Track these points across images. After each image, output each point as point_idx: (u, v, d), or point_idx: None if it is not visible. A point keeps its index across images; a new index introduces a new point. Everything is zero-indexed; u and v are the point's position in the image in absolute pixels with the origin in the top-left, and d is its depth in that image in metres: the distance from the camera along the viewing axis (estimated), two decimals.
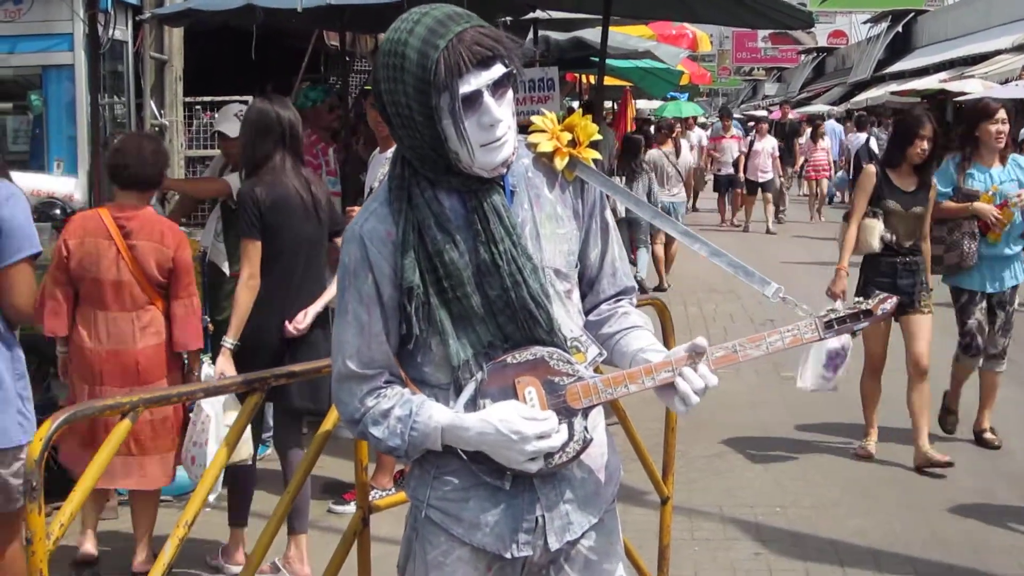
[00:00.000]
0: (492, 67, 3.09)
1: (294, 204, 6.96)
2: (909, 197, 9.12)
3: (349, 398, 3.29)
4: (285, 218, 6.93)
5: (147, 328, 6.82)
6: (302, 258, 7.07)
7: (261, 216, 6.83)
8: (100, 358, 6.70)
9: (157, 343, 6.85)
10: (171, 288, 6.86)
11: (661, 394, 3.29)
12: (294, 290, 7.04)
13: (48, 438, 3.58)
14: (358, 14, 11.24)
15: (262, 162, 6.99)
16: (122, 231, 6.71)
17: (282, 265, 6.97)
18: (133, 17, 12.97)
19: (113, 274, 6.69)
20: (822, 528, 7.82)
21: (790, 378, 11.29)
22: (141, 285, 6.77)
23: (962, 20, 40.74)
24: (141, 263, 6.74)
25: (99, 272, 6.66)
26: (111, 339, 6.74)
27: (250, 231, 6.86)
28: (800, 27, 15.41)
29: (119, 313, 6.75)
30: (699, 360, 3.24)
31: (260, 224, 6.84)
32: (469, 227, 3.19)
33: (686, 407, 3.24)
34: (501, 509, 3.26)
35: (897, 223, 9.10)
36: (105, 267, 6.68)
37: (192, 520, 4.11)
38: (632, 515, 7.63)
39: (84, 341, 6.75)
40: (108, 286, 6.70)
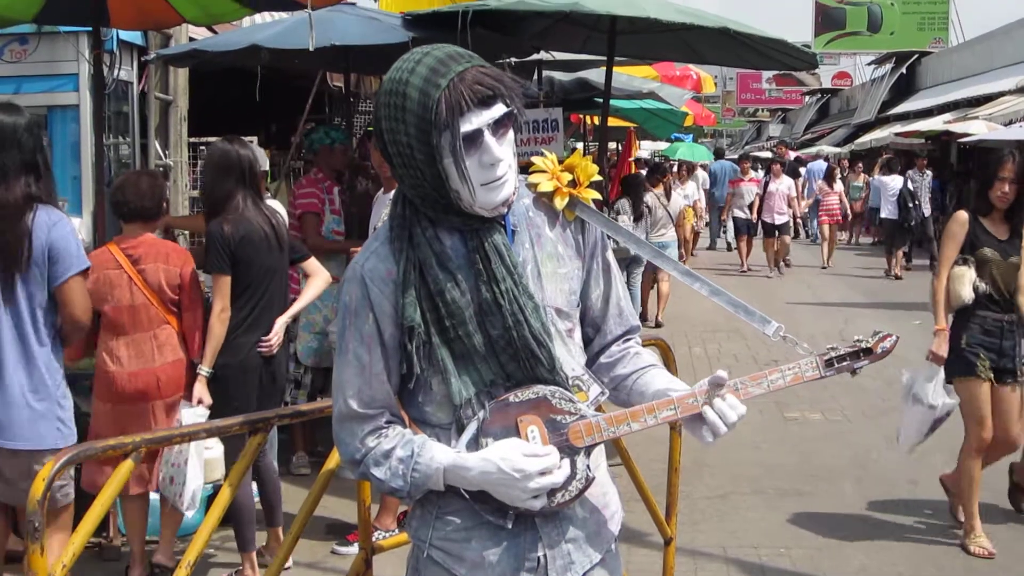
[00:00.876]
0: (493, 106, 3.10)
1: (259, 238, 7.40)
2: (1005, 245, 8.24)
3: (350, 438, 3.28)
4: (252, 252, 7.36)
5: (164, 345, 7.22)
6: (268, 287, 7.52)
7: (232, 252, 7.25)
8: (123, 379, 7.06)
9: (175, 359, 7.26)
10: (181, 302, 7.30)
11: (690, 426, 3.31)
12: (265, 316, 7.51)
13: (50, 478, 3.58)
14: (362, 55, 11.27)
15: (224, 200, 7.40)
16: (130, 259, 7.13)
17: (252, 294, 7.42)
18: (138, 57, 13.02)
19: (128, 299, 7.11)
20: (826, 569, 7.80)
21: (794, 419, 11.32)
22: (155, 305, 7.19)
23: (966, 62, 40.80)
24: (152, 285, 7.17)
25: (115, 300, 7.08)
26: (132, 360, 7.12)
27: (220, 266, 7.27)
28: (804, 68, 15.41)
29: (138, 335, 7.15)
30: (719, 392, 3.25)
31: (230, 259, 7.27)
32: (470, 266, 3.19)
33: (714, 438, 3.25)
34: (503, 548, 3.25)
35: (996, 273, 8.21)
36: (119, 295, 7.08)
37: (195, 561, 4.11)
38: (635, 556, 7.62)
39: (107, 365, 7.11)
40: (124, 311, 7.11)
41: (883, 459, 10.43)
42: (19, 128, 5.99)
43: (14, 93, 11.83)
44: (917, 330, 17.19)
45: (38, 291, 5.93)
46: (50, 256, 5.90)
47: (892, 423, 9.96)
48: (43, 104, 11.97)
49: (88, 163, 11.59)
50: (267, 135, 17.79)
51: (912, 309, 19.66)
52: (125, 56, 12.50)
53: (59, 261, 5.93)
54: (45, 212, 5.93)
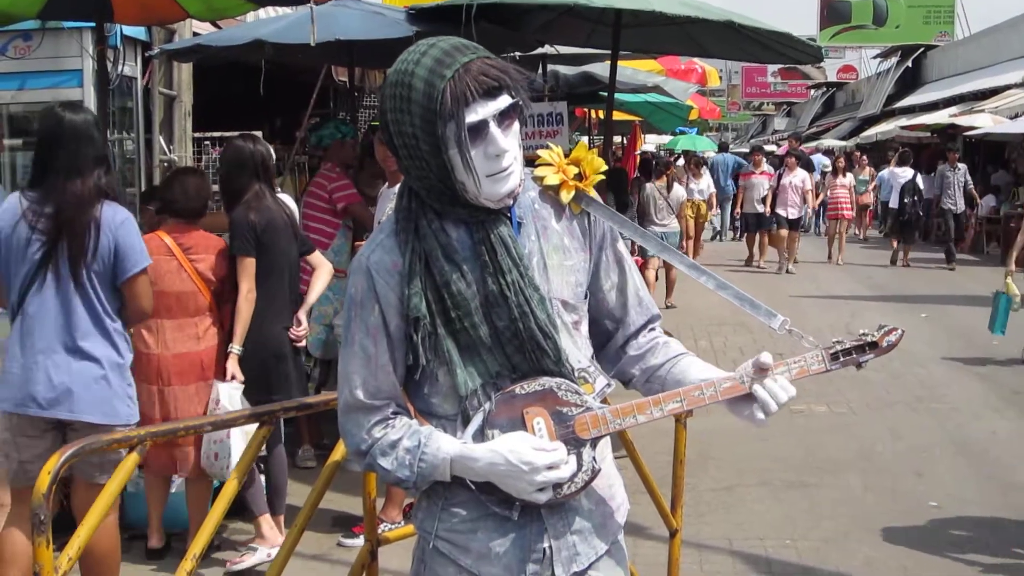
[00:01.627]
0: (498, 98, 3.10)
1: (280, 226, 7.77)
2: None
3: (356, 429, 3.29)
4: (275, 239, 7.72)
5: (208, 331, 7.59)
6: (288, 274, 7.91)
7: (257, 237, 7.56)
8: (167, 361, 7.36)
9: (217, 343, 7.62)
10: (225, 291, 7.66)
11: (735, 409, 3.34)
12: (287, 303, 7.90)
13: (56, 472, 3.59)
14: (367, 49, 11.29)
15: (240, 193, 7.76)
16: (182, 247, 7.45)
17: (276, 281, 7.77)
18: (142, 53, 13.03)
19: (177, 285, 7.45)
20: (832, 561, 7.79)
21: (799, 411, 11.32)
22: (203, 293, 7.55)
23: (971, 55, 40.78)
24: (201, 273, 7.53)
25: (163, 286, 7.28)
26: (177, 343, 7.47)
27: (247, 249, 7.60)
28: (810, 62, 15.40)
29: (183, 319, 7.49)
30: (764, 376, 3.28)
31: (255, 244, 7.60)
32: (476, 258, 3.19)
33: (765, 416, 3.29)
34: (509, 540, 3.25)
35: None
36: (169, 281, 7.39)
37: (200, 553, 4.11)
38: (641, 548, 7.62)
39: (150, 348, 7.45)
40: (172, 297, 7.42)
41: (888, 451, 10.42)
42: (90, 125, 6.25)
43: (18, 89, 11.86)
44: (923, 323, 17.24)
45: (104, 280, 6.20)
46: (116, 253, 6.17)
47: (897, 416, 9.99)
48: (47, 100, 11.95)
49: None
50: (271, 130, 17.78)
51: (919, 302, 19.71)
52: (129, 52, 12.51)
53: (126, 258, 6.21)
54: (111, 208, 6.18)
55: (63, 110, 6.27)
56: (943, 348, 15.47)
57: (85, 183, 6.12)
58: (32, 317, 6.15)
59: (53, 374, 6.11)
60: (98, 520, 3.82)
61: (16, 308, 6.20)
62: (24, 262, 6.13)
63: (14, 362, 6.15)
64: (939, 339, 16.13)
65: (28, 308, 6.15)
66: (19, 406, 6.13)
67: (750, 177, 26.78)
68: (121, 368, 6.35)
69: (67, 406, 6.14)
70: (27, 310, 6.15)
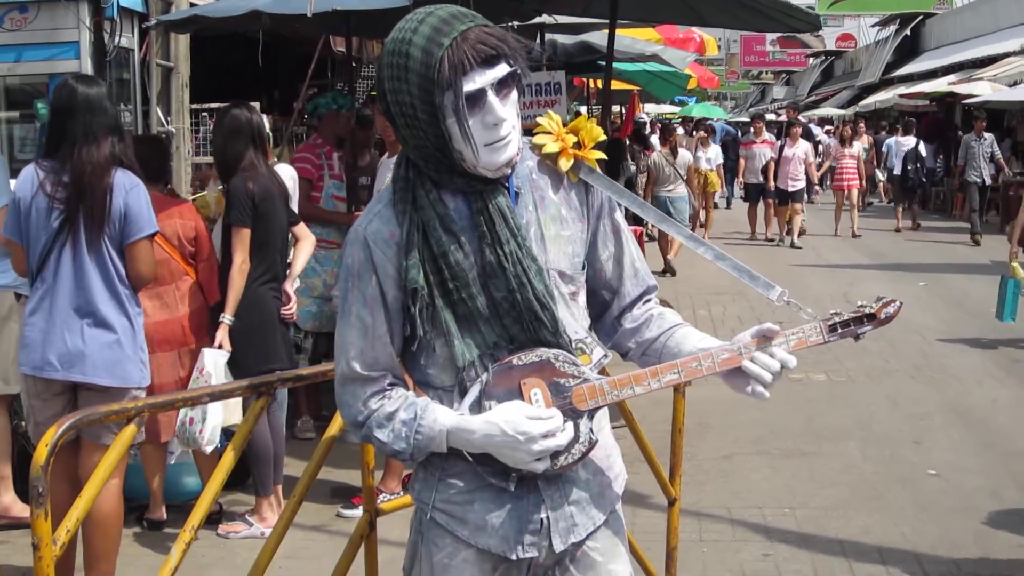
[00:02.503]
0: (496, 66, 3.08)
1: (275, 195, 7.83)
2: None
3: (352, 400, 3.28)
4: (271, 208, 7.78)
5: (186, 296, 7.75)
6: (281, 244, 8.00)
7: (254, 207, 7.60)
8: (148, 330, 7.17)
9: (196, 307, 7.79)
10: (197, 253, 7.79)
11: (733, 382, 3.34)
12: (278, 272, 7.98)
13: (54, 444, 3.59)
14: (364, 19, 11.26)
15: (236, 161, 7.78)
16: None
17: (269, 250, 7.84)
18: (139, 24, 12.99)
19: None
20: (831, 529, 7.81)
21: (798, 380, 11.33)
22: (176, 259, 7.66)
23: (970, 23, 40.70)
24: (170, 239, 7.60)
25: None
26: (157, 311, 7.57)
27: (244, 219, 7.65)
28: (808, 31, 15.38)
29: (160, 288, 7.54)
30: (768, 345, 3.28)
31: (252, 214, 7.64)
32: (474, 228, 3.19)
33: (765, 389, 3.29)
34: (506, 511, 3.25)
35: None
36: None
37: (199, 524, 4.12)
38: (640, 517, 7.64)
39: None
40: None
41: (887, 420, 10.44)
42: (103, 96, 6.49)
43: (15, 61, 11.84)
44: (922, 292, 17.26)
45: (116, 245, 6.43)
46: (125, 216, 6.39)
47: (895, 384, 10.00)
48: (44, 72, 11.98)
49: None
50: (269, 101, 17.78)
51: (918, 271, 19.70)
52: (126, 23, 12.48)
53: (133, 222, 6.42)
54: (123, 175, 6.41)
55: (76, 82, 6.47)
56: (942, 317, 15.47)
57: (100, 151, 6.33)
58: (50, 283, 6.37)
59: (68, 338, 6.35)
60: (96, 491, 3.83)
61: (35, 275, 6.42)
62: (44, 230, 6.35)
63: (35, 327, 6.38)
64: (938, 308, 16.13)
65: (46, 274, 6.37)
66: (37, 369, 6.37)
67: (751, 146, 25.98)
68: (133, 332, 6.56)
69: (80, 368, 6.37)
70: (45, 276, 6.37)
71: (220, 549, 7.56)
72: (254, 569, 4.28)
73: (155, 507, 7.87)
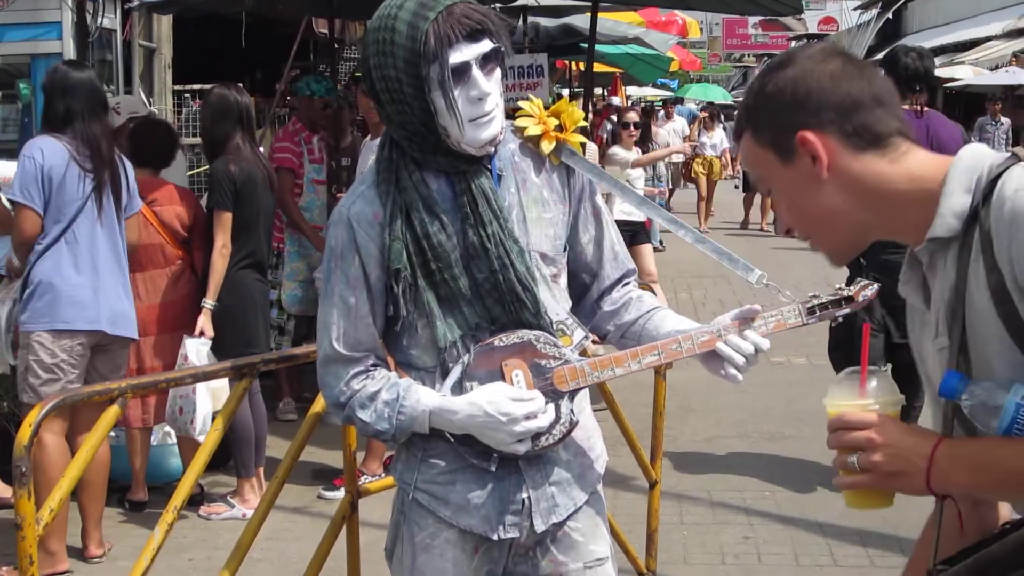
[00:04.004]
0: (480, 41, 3.12)
1: (258, 179, 7.83)
2: None
3: (335, 381, 3.30)
4: (253, 191, 7.77)
5: (179, 280, 7.82)
6: (263, 225, 7.99)
7: (236, 190, 7.61)
8: (141, 313, 7.45)
9: (189, 291, 7.82)
10: (194, 240, 7.87)
11: (711, 365, 3.35)
12: (260, 255, 7.99)
13: (37, 424, 3.61)
14: (348, 1, 11.24)
15: (224, 142, 7.80)
16: (145, 201, 7.51)
17: (251, 233, 7.84)
18: (122, 5, 12.96)
19: (145, 239, 7.57)
20: (810, 511, 7.83)
21: (779, 363, 11.35)
22: (170, 244, 7.75)
23: (952, 7, 40.71)
24: (168, 224, 7.74)
25: (129, 239, 7.30)
26: (150, 295, 7.71)
27: (224, 203, 7.64)
28: (790, 13, 15.39)
29: (155, 271, 7.73)
30: (746, 327, 3.31)
31: (233, 197, 7.64)
32: (457, 210, 3.21)
33: (738, 372, 3.30)
34: (488, 491, 3.28)
35: None
36: (136, 235, 7.42)
37: (181, 505, 4.13)
38: (621, 500, 7.66)
39: None
40: (140, 250, 7.55)
41: None
42: (94, 78, 7.01)
43: None
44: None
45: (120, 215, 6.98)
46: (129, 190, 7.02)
47: None
48: (26, 53, 11.96)
49: None
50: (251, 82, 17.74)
51: None
52: (108, 4, 12.45)
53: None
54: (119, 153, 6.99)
55: (68, 67, 6.97)
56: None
57: (104, 126, 6.86)
58: (86, 246, 6.80)
59: (113, 297, 6.92)
60: (79, 472, 3.85)
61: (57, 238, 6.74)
62: (76, 198, 6.73)
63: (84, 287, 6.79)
64: None
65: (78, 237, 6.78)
66: (92, 322, 6.80)
67: None
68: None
69: (123, 326, 7.00)
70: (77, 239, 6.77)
71: (201, 531, 7.58)
72: (237, 549, 4.29)
73: (137, 488, 7.88)
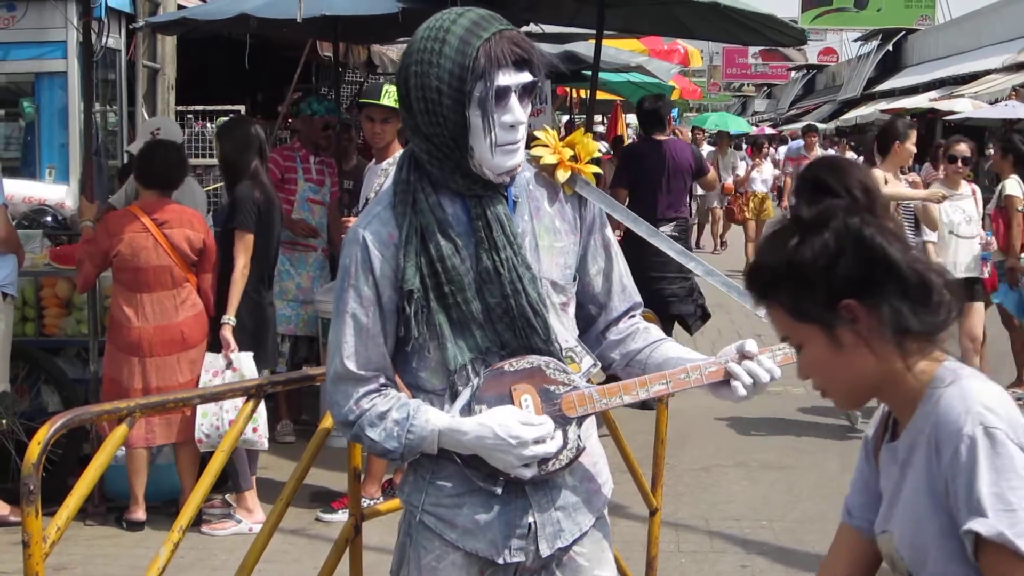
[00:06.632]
0: (523, 72, 3.19)
1: (276, 204, 8.31)
2: None
3: (344, 399, 3.31)
4: (272, 217, 8.18)
5: (186, 302, 7.86)
6: (275, 248, 8.49)
7: (259, 214, 7.86)
8: (148, 334, 7.64)
9: (195, 313, 7.90)
10: (201, 264, 7.95)
11: (719, 393, 3.39)
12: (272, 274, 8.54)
13: (46, 442, 3.61)
14: (352, 25, 11.25)
15: (246, 169, 8.09)
16: (156, 222, 7.63)
17: (267, 256, 8.23)
18: (127, 25, 12.97)
19: (154, 260, 7.70)
20: (808, 542, 7.83)
21: (777, 393, 11.36)
22: (178, 266, 7.79)
23: (952, 40, 40.83)
24: (177, 247, 7.77)
25: (139, 261, 7.67)
26: (156, 316, 7.74)
27: (249, 224, 7.92)
28: (792, 44, 15.39)
29: (161, 293, 7.76)
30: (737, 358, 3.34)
31: (256, 220, 7.82)
32: (472, 234, 3.24)
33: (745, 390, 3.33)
34: (495, 514, 3.29)
35: None
36: (145, 256, 7.67)
37: (187, 525, 4.14)
38: (619, 526, 7.65)
39: (131, 321, 7.73)
40: (150, 272, 7.70)
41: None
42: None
43: (2, 59, 11.82)
44: None
45: None
46: None
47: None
48: (31, 71, 11.96)
49: (76, 131, 11.56)
50: (253, 104, 17.76)
51: None
52: (113, 24, 12.43)
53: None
54: None
55: None
56: None
57: None
58: None
59: None
60: (87, 490, 3.86)
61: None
62: None
63: None
64: None
65: None
66: None
67: (803, 162, 22.14)
68: None
69: None
70: None
71: (199, 551, 7.57)
72: (241, 570, 4.29)
73: (135, 508, 7.88)
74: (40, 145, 11.93)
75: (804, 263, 2.53)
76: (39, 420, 6.94)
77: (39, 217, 9.94)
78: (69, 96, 11.76)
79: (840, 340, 2.55)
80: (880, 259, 2.48)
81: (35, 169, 11.78)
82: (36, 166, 11.83)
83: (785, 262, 2.57)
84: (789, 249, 2.55)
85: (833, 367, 2.63)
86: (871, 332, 2.53)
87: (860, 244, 2.49)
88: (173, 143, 8.79)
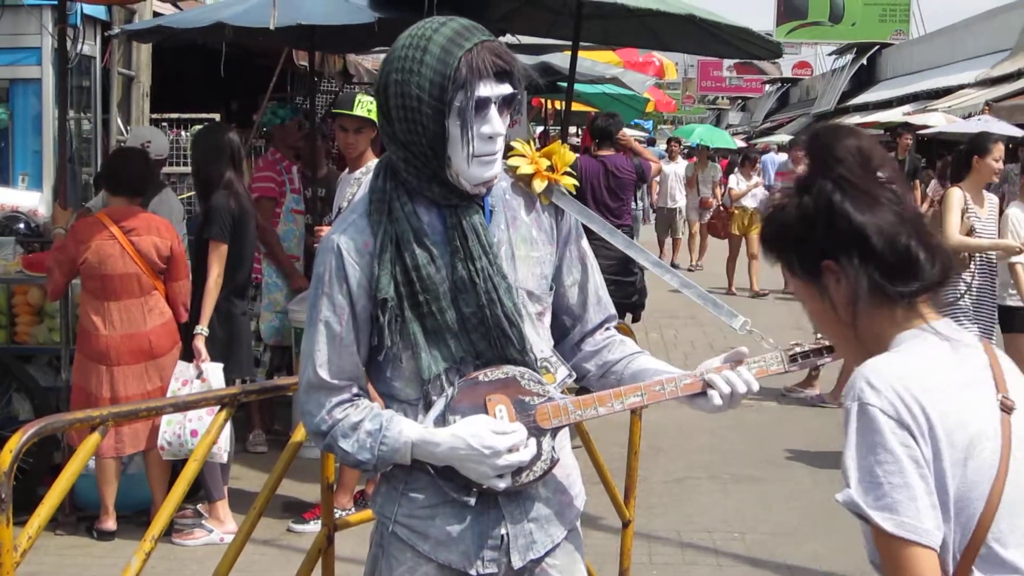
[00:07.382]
0: (504, 83, 3.18)
1: (250, 213, 8.22)
2: None
3: (316, 409, 3.30)
4: (247, 226, 8.12)
5: (154, 310, 7.78)
6: (250, 257, 8.44)
7: (233, 224, 7.82)
8: (115, 342, 7.58)
9: (163, 322, 7.82)
10: (170, 272, 7.84)
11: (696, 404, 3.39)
12: (247, 284, 8.52)
13: (18, 450, 3.60)
14: (328, 34, 11.26)
15: (218, 180, 8.03)
16: (123, 230, 7.56)
17: (241, 265, 8.20)
18: (102, 32, 12.95)
19: (120, 268, 7.61)
20: (780, 554, 7.84)
21: (750, 406, 11.38)
22: (146, 274, 7.69)
23: (926, 54, 40.97)
24: (145, 255, 7.68)
25: (106, 269, 7.58)
26: (124, 324, 7.66)
27: (223, 235, 7.89)
28: (768, 58, 15.42)
29: (129, 301, 7.67)
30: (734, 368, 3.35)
31: (231, 231, 7.80)
32: (447, 243, 3.23)
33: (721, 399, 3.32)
34: (467, 525, 3.28)
35: None
36: (112, 264, 7.58)
37: (159, 535, 4.13)
38: (592, 538, 7.64)
39: (98, 329, 7.64)
40: (117, 279, 7.61)
41: (837, 445, 10.42)
42: None
43: None
44: None
45: None
46: None
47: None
48: (5, 78, 11.93)
49: (50, 137, 11.57)
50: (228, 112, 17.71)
51: None
52: (89, 31, 12.41)
53: None
54: None
55: None
56: None
57: None
58: None
59: None
60: (59, 500, 3.84)
61: None
62: None
63: None
64: None
65: None
66: None
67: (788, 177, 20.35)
68: None
69: None
70: None
71: (170, 561, 7.53)
72: None
73: (105, 517, 7.83)
74: (13, 152, 11.91)
75: (790, 224, 2.67)
76: (10, 428, 6.89)
77: (11, 224, 9.91)
78: (43, 103, 11.76)
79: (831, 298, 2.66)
80: (844, 225, 2.58)
81: (8, 176, 11.76)
82: (9, 173, 11.81)
83: (779, 222, 2.71)
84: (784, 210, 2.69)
85: (825, 322, 2.75)
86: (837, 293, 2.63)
87: (829, 209, 2.60)
88: (141, 150, 8.82)
